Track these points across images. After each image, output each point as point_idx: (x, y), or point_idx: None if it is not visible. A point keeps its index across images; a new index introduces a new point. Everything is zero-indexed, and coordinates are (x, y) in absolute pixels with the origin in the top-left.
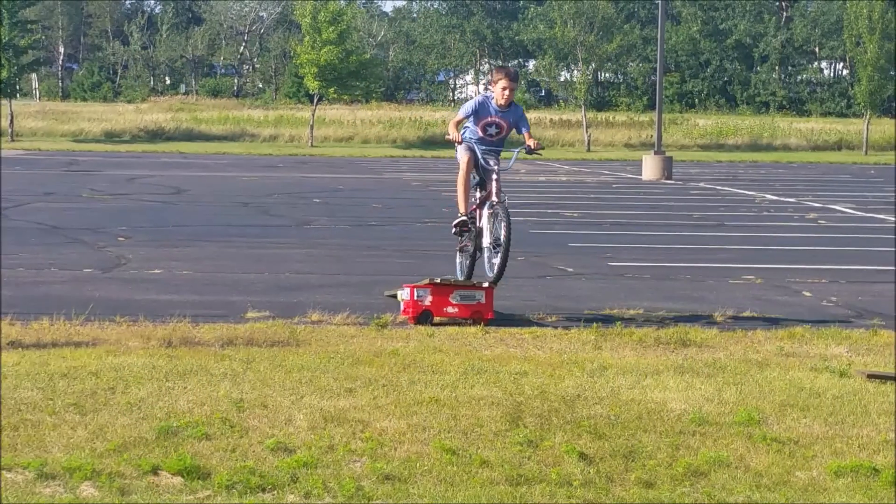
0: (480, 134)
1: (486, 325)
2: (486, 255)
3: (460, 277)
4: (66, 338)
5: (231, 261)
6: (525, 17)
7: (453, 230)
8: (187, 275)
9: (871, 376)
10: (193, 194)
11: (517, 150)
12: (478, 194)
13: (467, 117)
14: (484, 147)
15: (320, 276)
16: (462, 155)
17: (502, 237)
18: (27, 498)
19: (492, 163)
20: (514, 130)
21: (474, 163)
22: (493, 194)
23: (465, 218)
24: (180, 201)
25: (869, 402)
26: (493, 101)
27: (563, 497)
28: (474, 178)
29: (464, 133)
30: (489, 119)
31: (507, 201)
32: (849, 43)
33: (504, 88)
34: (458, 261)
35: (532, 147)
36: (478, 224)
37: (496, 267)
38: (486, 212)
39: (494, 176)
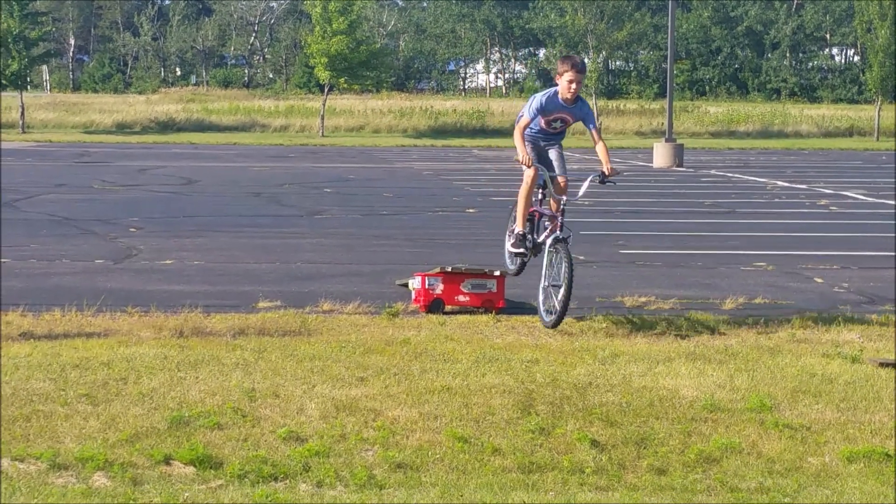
0: (543, 126)
1: (498, 314)
2: (541, 296)
3: (511, 268)
4: (77, 329)
5: (242, 251)
6: (535, 5)
7: (510, 242)
8: (199, 265)
9: (883, 364)
10: (204, 185)
11: (589, 177)
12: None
13: (534, 119)
14: (544, 137)
15: (331, 265)
16: (527, 168)
17: (563, 280)
18: (40, 488)
19: (553, 157)
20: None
21: (540, 178)
22: (558, 228)
23: (522, 232)
24: (191, 192)
25: (881, 388)
26: (559, 95)
27: (575, 484)
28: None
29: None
30: (555, 115)
31: (570, 238)
32: (860, 29)
33: (571, 81)
34: (506, 247)
35: (606, 174)
36: (536, 236)
37: (556, 311)
38: (547, 247)
39: (561, 206)
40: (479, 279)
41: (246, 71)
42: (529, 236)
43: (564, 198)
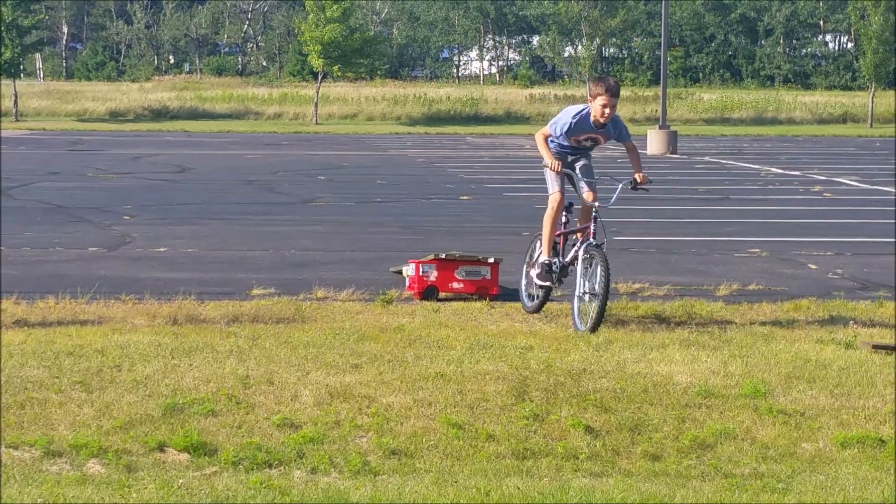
0: (572, 143)
1: (492, 301)
2: (576, 303)
3: (528, 304)
4: (71, 316)
5: (236, 238)
6: None
7: (536, 273)
8: (192, 252)
9: (876, 347)
10: (198, 172)
11: (620, 185)
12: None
13: (559, 137)
14: (572, 151)
15: (325, 252)
16: (554, 189)
17: (599, 287)
18: (34, 476)
19: (581, 170)
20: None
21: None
22: (591, 235)
23: (548, 261)
24: (185, 180)
25: (875, 374)
26: (591, 117)
27: (569, 470)
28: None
29: (551, 141)
30: (585, 135)
31: (605, 245)
32: (853, 16)
33: (604, 106)
34: (524, 283)
35: (638, 182)
36: (563, 258)
37: (591, 319)
38: (580, 254)
39: (593, 214)
40: (473, 266)
41: (239, 59)
42: (556, 260)
43: (597, 203)
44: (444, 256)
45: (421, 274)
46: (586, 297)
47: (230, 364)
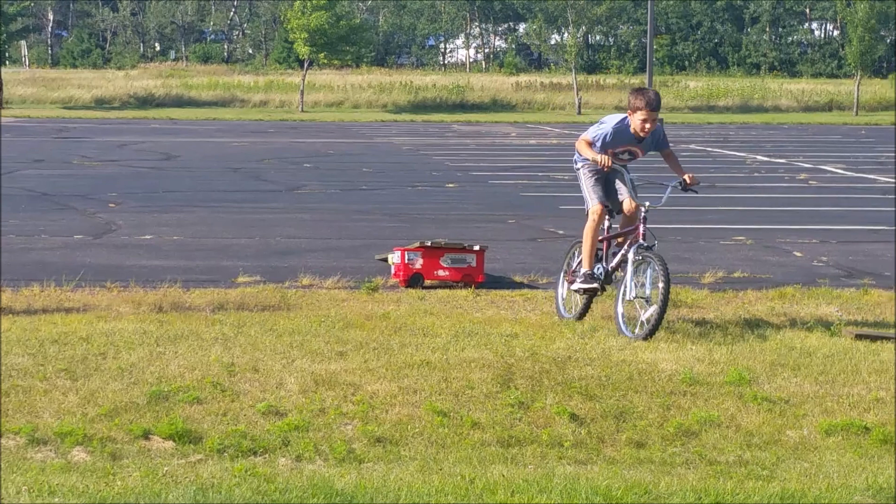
0: (609, 156)
1: (477, 288)
2: (620, 308)
3: (565, 315)
4: (56, 304)
5: (222, 226)
6: None
7: (580, 280)
8: (178, 240)
9: (859, 336)
10: (184, 160)
11: (670, 185)
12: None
13: (594, 143)
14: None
15: (311, 240)
16: (593, 200)
17: (654, 292)
18: (18, 463)
19: (619, 180)
20: None
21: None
22: (640, 237)
23: (590, 272)
24: (171, 167)
25: (859, 361)
26: (631, 128)
27: (554, 457)
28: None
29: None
30: (623, 148)
31: (656, 246)
32: (839, 3)
33: (644, 121)
34: (560, 293)
35: (687, 182)
36: (606, 263)
37: (648, 325)
38: (630, 256)
39: (642, 214)
40: (459, 254)
41: (225, 46)
42: (600, 265)
43: (647, 203)
44: (429, 244)
45: (406, 261)
46: (636, 303)
47: (215, 352)
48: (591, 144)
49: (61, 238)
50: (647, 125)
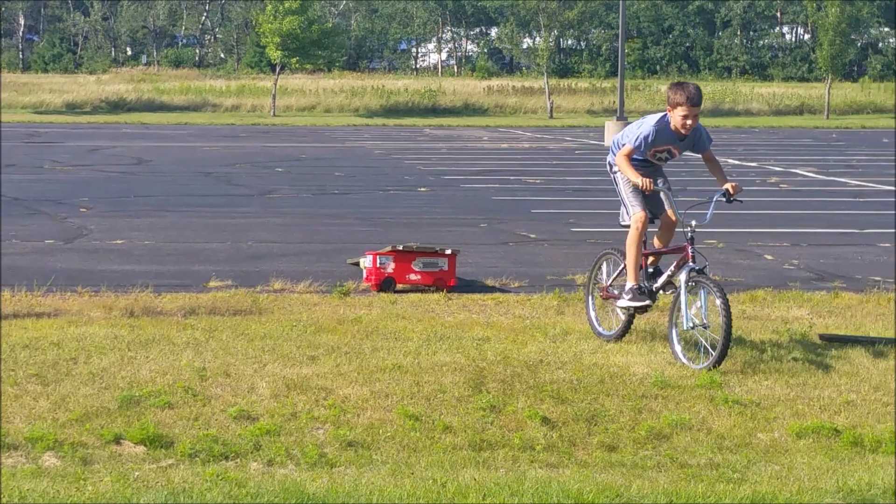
0: (648, 156)
1: (449, 292)
2: (675, 335)
3: (603, 333)
4: (27, 309)
5: (193, 230)
6: None
7: (627, 297)
8: (149, 245)
9: (823, 337)
10: (155, 165)
11: (714, 198)
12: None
13: (639, 149)
14: (642, 166)
15: (283, 244)
16: (636, 208)
17: (715, 319)
18: None
19: (662, 186)
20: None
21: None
22: (690, 258)
23: (637, 285)
24: (142, 172)
25: (829, 364)
26: (671, 125)
27: (525, 461)
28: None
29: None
30: (663, 147)
31: (707, 268)
32: (810, 7)
33: (685, 117)
34: (591, 309)
35: (731, 192)
36: (648, 281)
37: (714, 354)
38: (683, 279)
39: (689, 235)
40: (431, 258)
41: (197, 51)
42: (645, 284)
43: (693, 222)
44: (401, 248)
45: (378, 265)
46: (695, 331)
47: (187, 356)
48: (631, 157)
49: (32, 243)
50: (689, 121)
